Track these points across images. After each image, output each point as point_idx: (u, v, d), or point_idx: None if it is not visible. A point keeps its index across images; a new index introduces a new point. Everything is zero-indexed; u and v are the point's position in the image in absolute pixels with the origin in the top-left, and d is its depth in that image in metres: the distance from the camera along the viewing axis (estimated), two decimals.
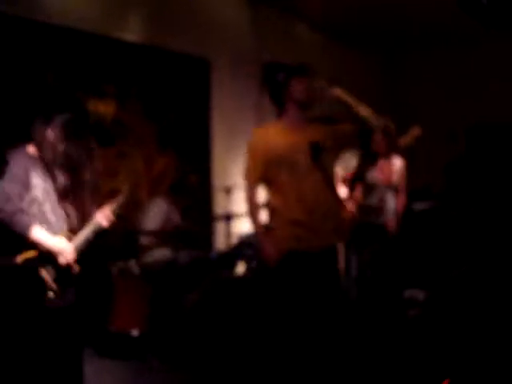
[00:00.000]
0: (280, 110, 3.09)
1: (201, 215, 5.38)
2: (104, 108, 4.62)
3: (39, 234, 2.42)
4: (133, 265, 4.26)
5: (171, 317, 4.18)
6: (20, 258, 2.42)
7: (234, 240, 5.22)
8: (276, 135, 3.01)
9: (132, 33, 4.91)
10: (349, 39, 7.61)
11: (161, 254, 4.39)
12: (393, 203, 4.28)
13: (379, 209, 4.24)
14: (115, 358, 3.91)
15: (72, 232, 2.63)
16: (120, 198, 2.93)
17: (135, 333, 3.99)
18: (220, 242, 5.47)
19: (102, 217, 2.76)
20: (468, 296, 4.37)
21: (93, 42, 4.54)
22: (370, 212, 4.25)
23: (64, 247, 2.51)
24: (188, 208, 4.86)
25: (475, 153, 7.73)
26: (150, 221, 4.48)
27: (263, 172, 3.01)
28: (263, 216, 3.13)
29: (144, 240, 4.44)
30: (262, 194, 3.18)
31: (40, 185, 2.52)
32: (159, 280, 4.24)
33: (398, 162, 4.32)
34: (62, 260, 2.49)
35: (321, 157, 2.98)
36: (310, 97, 3.00)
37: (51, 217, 2.54)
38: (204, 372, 3.68)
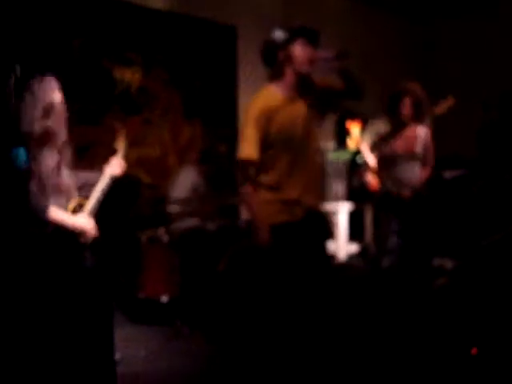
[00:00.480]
0: (276, 74, 2.80)
1: (229, 184, 5.38)
2: (130, 76, 4.62)
3: (56, 215, 2.38)
4: (162, 232, 4.30)
5: (200, 283, 4.23)
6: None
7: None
8: (277, 109, 2.74)
9: (157, 0, 4.86)
10: (379, 4, 7.40)
11: (189, 222, 4.42)
12: (412, 173, 4.08)
13: (397, 179, 4.09)
14: (145, 324, 3.98)
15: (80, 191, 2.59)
16: (123, 143, 2.85)
17: (165, 299, 4.05)
18: (246, 212, 5.47)
19: (114, 167, 2.68)
20: (498, 267, 4.31)
21: (118, 9, 4.52)
22: (390, 182, 4.11)
23: (86, 225, 2.47)
24: (216, 177, 4.87)
25: (509, 120, 7.53)
26: (178, 189, 4.50)
27: (262, 147, 2.75)
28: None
29: (173, 208, 4.47)
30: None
31: (51, 156, 2.47)
32: (188, 247, 4.28)
33: (422, 132, 4.07)
34: (88, 239, 2.47)
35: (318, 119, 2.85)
36: (311, 69, 2.75)
37: (62, 183, 2.45)
38: (232, 339, 3.72)
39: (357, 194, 5.66)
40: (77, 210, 2.53)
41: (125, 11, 4.57)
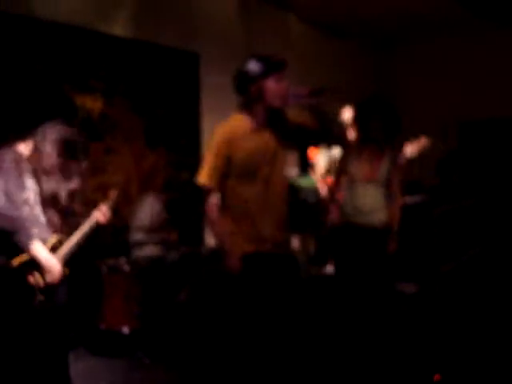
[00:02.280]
0: (246, 105, 2.76)
1: (191, 211, 5.35)
2: (91, 103, 4.58)
3: (38, 248, 2.41)
4: (123, 262, 4.23)
5: (161, 314, 4.16)
6: (15, 262, 2.40)
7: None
8: (243, 137, 2.69)
9: (120, 27, 4.87)
10: (341, 33, 7.58)
11: (151, 250, 4.36)
12: (375, 202, 3.75)
13: (357, 207, 3.76)
14: (106, 356, 3.89)
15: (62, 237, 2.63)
16: (114, 194, 2.95)
17: (126, 330, 3.97)
18: (210, 238, 5.45)
19: (100, 214, 2.79)
20: (458, 291, 4.37)
21: (80, 35, 4.50)
22: (349, 209, 3.89)
23: (54, 268, 2.47)
24: (179, 205, 4.84)
25: (467, 148, 7.74)
26: (140, 217, 4.46)
27: (222, 174, 2.70)
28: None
29: (134, 236, 4.42)
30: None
31: (31, 186, 2.50)
32: (149, 277, 4.22)
33: (387, 157, 3.74)
34: (49, 279, 2.46)
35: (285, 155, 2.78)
36: (282, 104, 2.70)
37: (42, 219, 2.52)
38: (194, 369, 3.66)
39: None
40: (56, 246, 2.55)
41: (87, 38, 4.55)
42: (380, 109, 3.81)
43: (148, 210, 4.49)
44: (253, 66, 2.69)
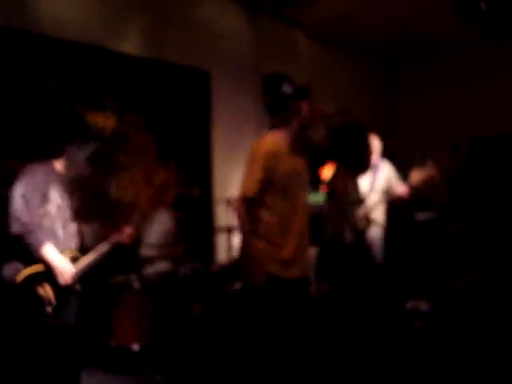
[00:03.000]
0: (281, 123, 2.89)
1: (202, 228, 5.35)
2: (103, 120, 4.62)
3: (49, 251, 2.45)
4: (133, 278, 4.23)
5: (172, 330, 4.14)
6: (23, 274, 2.42)
7: (235, 252, 5.19)
8: (282, 153, 2.80)
9: (132, 45, 4.92)
10: (349, 50, 7.61)
11: (161, 266, 4.36)
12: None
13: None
14: (116, 373, 3.87)
15: (82, 252, 2.68)
16: (139, 215, 3.02)
17: (136, 347, 3.95)
18: (221, 255, 5.44)
19: (124, 236, 2.87)
20: (471, 308, 4.32)
21: (93, 54, 4.55)
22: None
23: (65, 269, 2.51)
24: (189, 221, 4.84)
25: (477, 164, 7.72)
26: (151, 234, 4.46)
27: (263, 186, 2.75)
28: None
29: (145, 253, 4.42)
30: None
31: (56, 200, 2.56)
32: (160, 293, 4.20)
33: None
34: (61, 281, 2.50)
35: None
36: (312, 121, 2.86)
37: (60, 233, 2.57)
38: None
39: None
40: (72, 260, 2.60)
41: (99, 57, 4.60)
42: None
43: (159, 226, 4.50)
44: (288, 89, 2.85)
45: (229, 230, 4.88)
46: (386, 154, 4.84)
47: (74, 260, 2.60)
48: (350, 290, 3.90)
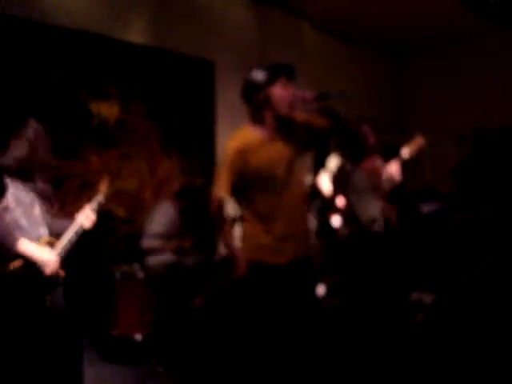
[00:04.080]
0: (255, 116, 2.75)
1: (205, 218, 5.33)
2: (107, 109, 4.60)
3: (26, 246, 2.39)
4: (137, 268, 4.22)
5: (175, 321, 4.14)
6: (10, 267, 2.38)
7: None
8: (255, 149, 2.69)
9: (136, 34, 4.90)
10: (355, 40, 7.56)
11: (165, 257, 4.34)
12: (376, 210, 3.83)
13: (366, 215, 3.84)
14: (118, 363, 3.87)
15: (55, 236, 2.59)
16: (99, 196, 2.87)
17: (139, 337, 3.95)
18: (223, 246, 5.42)
19: (84, 218, 2.70)
20: (476, 301, 4.29)
21: (97, 43, 4.53)
22: (359, 222, 3.88)
23: (49, 258, 2.45)
24: (192, 211, 4.82)
25: (483, 156, 7.67)
26: (154, 224, 4.44)
27: (236, 186, 2.70)
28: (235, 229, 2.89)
29: (148, 243, 4.40)
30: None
31: (12, 192, 2.46)
32: (163, 283, 4.19)
33: (379, 163, 3.84)
34: (47, 271, 2.45)
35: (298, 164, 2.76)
36: (290, 110, 2.68)
37: (24, 223, 2.48)
38: (206, 378, 3.63)
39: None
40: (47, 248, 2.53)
41: (103, 45, 4.58)
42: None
43: (163, 216, 4.47)
44: (257, 75, 2.69)
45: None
46: (392, 146, 4.79)
47: (51, 245, 2.54)
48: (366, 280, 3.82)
